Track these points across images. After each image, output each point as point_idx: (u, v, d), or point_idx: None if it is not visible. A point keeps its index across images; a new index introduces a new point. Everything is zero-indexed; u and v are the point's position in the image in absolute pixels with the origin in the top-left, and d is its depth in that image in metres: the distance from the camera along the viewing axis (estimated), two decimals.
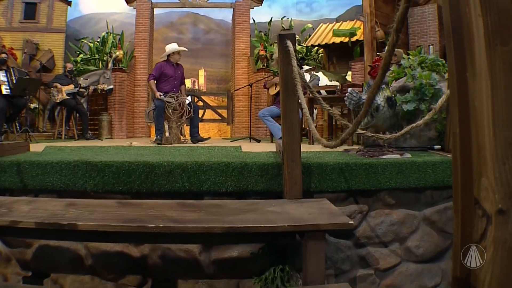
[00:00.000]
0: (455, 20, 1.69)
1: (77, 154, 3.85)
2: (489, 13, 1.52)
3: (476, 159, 1.66)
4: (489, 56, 1.53)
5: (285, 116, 3.26)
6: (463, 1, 1.61)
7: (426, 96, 4.04)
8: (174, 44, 9.76)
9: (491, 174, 1.53)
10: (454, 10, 1.70)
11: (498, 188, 1.50)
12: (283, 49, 3.15)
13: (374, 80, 3.79)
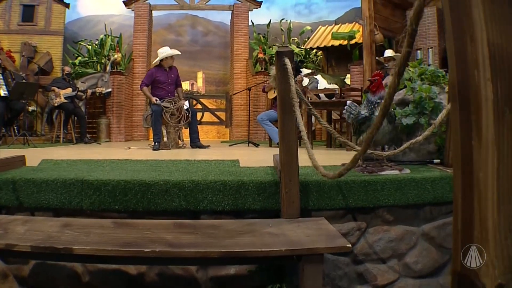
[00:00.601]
0: (462, 82, 1.62)
1: (73, 170, 3.82)
2: (499, 78, 1.47)
3: (478, 233, 1.60)
4: (497, 124, 1.48)
5: (282, 135, 3.24)
6: (472, 62, 1.54)
7: (426, 109, 4.01)
8: (165, 48, 9.66)
9: (492, 249, 1.49)
10: (461, 71, 1.63)
11: (499, 264, 1.47)
12: (281, 67, 3.12)
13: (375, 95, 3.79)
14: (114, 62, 13.34)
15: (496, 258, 1.46)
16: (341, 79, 14.01)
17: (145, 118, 9.90)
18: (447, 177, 3.73)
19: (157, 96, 9.38)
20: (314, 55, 16.27)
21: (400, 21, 13.08)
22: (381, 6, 12.36)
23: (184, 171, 3.74)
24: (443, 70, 4.69)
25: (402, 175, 3.69)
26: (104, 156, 7.41)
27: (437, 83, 4.43)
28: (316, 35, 16.09)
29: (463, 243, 1.74)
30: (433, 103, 4.02)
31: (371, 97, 3.76)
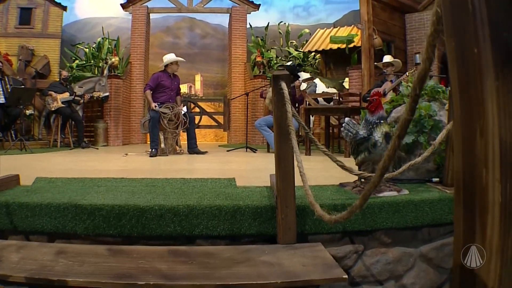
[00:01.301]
0: (469, 180, 1.48)
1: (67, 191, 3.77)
2: (509, 179, 1.34)
3: None
4: (503, 231, 1.38)
5: (278, 161, 3.20)
6: (480, 159, 1.41)
7: (426, 128, 3.98)
8: (172, 55, 9.75)
9: None
10: (468, 167, 1.48)
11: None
12: (277, 91, 3.08)
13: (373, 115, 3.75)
14: (112, 65, 13.30)
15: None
16: (340, 83, 13.97)
17: (143, 124, 9.88)
18: (446, 198, 3.69)
19: (158, 100, 9.40)
20: (313, 58, 16.24)
21: (399, 24, 13.06)
22: (379, 9, 12.34)
23: (179, 193, 3.69)
24: (443, 76, 4.66)
25: (400, 197, 3.65)
26: (101, 164, 7.45)
27: (436, 98, 4.39)
28: (314, 38, 16.05)
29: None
30: (432, 121, 3.98)
31: (369, 117, 3.71)
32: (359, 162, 3.84)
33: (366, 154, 3.70)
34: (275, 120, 3.18)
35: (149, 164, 7.45)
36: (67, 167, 6.88)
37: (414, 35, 12.94)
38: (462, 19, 1.39)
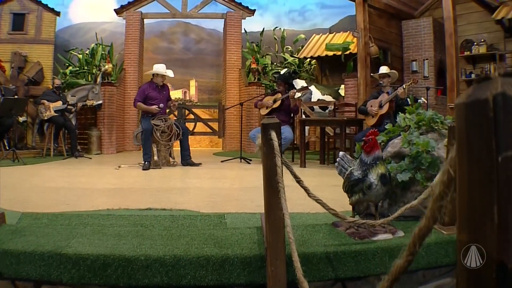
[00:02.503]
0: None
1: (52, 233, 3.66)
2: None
3: None
4: None
5: (268, 214, 3.10)
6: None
7: (423, 165, 3.87)
8: (161, 65, 9.61)
9: None
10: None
11: None
12: (267, 141, 2.96)
13: (369, 155, 3.64)
14: (105, 72, 13.19)
15: None
16: (335, 90, 13.89)
17: (135, 136, 9.80)
18: (442, 241, 3.60)
19: (148, 114, 9.30)
20: (308, 64, 16.15)
21: (395, 31, 12.97)
22: (376, 16, 12.25)
23: (166, 238, 3.58)
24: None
25: (395, 242, 3.56)
26: (93, 180, 7.42)
27: (435, 129, 4.28)
28: (310, 44, 15.95)
29: None
30: (430, 158, 3.87)
31: (365, 157, 3.60)
32: (353, 202, 3.74)
33: (360, 195, 3.60)
34: (264, 173, 3.07)
35: (142, 180, 7.37)
36: (59, 184, 6.81)
37: (411, 42, 12.85)
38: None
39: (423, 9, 13.59)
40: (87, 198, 5.70)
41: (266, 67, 15.67)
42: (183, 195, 5.90)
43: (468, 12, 12.55)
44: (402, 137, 4.06)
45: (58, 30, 15.59)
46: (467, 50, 12.27)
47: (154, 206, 5.05)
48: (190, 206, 5.08)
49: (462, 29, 11.61)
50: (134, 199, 5.63)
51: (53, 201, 5.31)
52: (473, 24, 12.31)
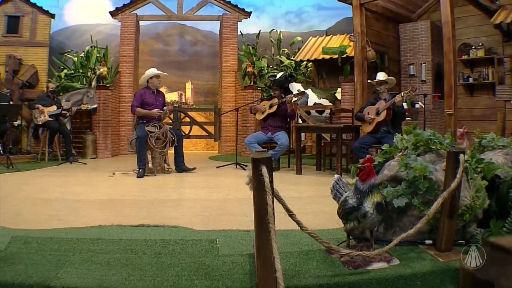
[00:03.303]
0: None
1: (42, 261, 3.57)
2: None
3: None
4: None
5: (258, 250, 2.99)
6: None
7: (420, 190, 3.77)
8: (152, 69, 9.52)
9: None
10: None
11: None
12: (257, 177, 2.84)
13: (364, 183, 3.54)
14: (100, 76, 13.09)
15: None
16: (332, 93, 13.81)
17: (130, 142, 9.70)
18: (438, 269, 3.51)
19: (144, 119, 9.23)
20: (305, 67, 16.05)
21: (392, 34, 12.89)
22: (373, 20, 12.18)
23: (156, 267, 3.46)
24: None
25: (390, 271, 3.46)
26: (87, 189, 7.36)
27: (433, 149, 4.19)
28: (306, 46, 15.85)
29: None
30: (428, 183, 3.77)
31: (360, 185, 3.49)
32: (348, 230, 3.65)
33: (355, 223, 3.51)
34: (255, 209, 2.96)
35: (135, 191, 7.32)
36: (51, 195, 6.71)
37: (408, 45, 12.77)
38: None
39: (420, 12, 13.50)
40: (80, 211, 5.62)
41: (262, 70, 15.57)
42: (176, 209, 5.83)
43: (466, 16, 12.45)
44: (399, 160, 3.96)
45: (53, 32, 15.45)
46: (465, 54, 12.17)
47: (147, 222, 4.97)
48: (183, 221, 5.02)
49: (460, 32, 11.49)
50: (126, 213, 5.55)
51: (44, 216, 5.24)
52: (471, 28, 12.20)
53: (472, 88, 12.27)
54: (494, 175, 3.99)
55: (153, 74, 9.39)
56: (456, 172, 3.37)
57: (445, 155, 4.04)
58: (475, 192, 3.83)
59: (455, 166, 3.40)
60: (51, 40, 14.65)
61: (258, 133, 10.24)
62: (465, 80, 12.18)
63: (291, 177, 9.05)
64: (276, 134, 9.84)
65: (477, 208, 3.74)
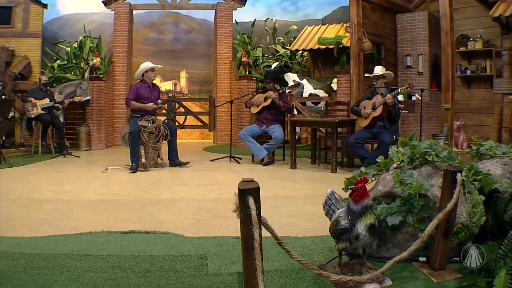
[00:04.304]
0: None
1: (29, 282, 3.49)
2: None
3: None
4: None
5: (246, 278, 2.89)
6: None
7: (415, 208, 3.67)
8: (147, 63, 9.39)
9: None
10: None
11: None
12: (244, 208, 2.69)
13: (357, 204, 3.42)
14: (93, 67, 12.94)
15: None
16: (328, 84, 13.69)
17: (123, 137, 9.61)
18: None
19: (138, 113, 9.13)
20: (300, 56, 15.92)
21: (389, 25, 12.73)
22: (370, 10, 12.02)
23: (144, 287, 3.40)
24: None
25: None
26: (79, 188, 7.34)
27: (429, 161, 4.08)
28: (302, 35, 15.70)
29: None
30: (423, 201, 3.66)
31: (353, 206, 3.37)
32: (340, 250, 3.54)
33: (347, 244, 3.41)
34: (242, 241, 2.82)
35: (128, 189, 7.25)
36: (43, 195, 6.67)
37: (405, 36, 12.61)
38: None
39: (418, 2, 13.35)
40: (71, 214, 5.56)
41: (257, 59, 15.45)
42: (168, 211, 5.78)
43: (464, 7, 12.29)
44: (394, 175, 3.85)
45: (46, 22, 15.27)
46: (462, 46, 12.01)
47: (138, 227, 4.95)
48: (174, 226, 5.00)
49: (458, 23, 11.34)
50: (118, 216, 5.50)
51: (35, 221, 5.21)
52: (469, 19, 12.04)
53: (470, 80, 12.14)
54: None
55: (148, 67, 9.26)
56: (453, 192, 3.27)
57: (442, 167, 3.94)
58: (472, 207, 3.73)
59: (452, 186, 3.29)
60: (44, 30, 14.47)
61: (252, 126, 10.17)
62: (462, 72, 12.04)
63: (286, 172, 9.00)
64: (271, 127, 9.76)
65: (473, 226, 3.64)
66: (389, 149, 4.32)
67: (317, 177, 8.46)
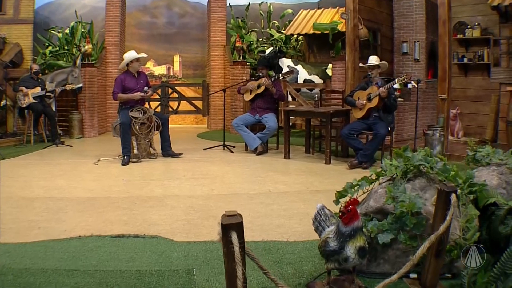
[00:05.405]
0: None
1: None
2: None
3: None
4: None
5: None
6: None
7: (407, 226, 3.57)
8: (131, 52, 9.24)
9: None
10: None
11: None
12: (227, 243, 2.54)
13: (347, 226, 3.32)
14: (85, 53, 12.78)
15: None
16: (323, 70, 13.55)
17: (114, 128, 9.48)
18: None
19: (127, 105, 9.01)
20: (295, 40, 15.75)
21: (386, 11, 12.55)
22: None
23: None
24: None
25: None
26: (70, 182, 7.32)
27: (423, 173, 3.96)
28: (297, 20, 15.52)
29: None
30: (415, 220, 3.56)
31: (342, 228, 3.26)
32: (329, 269, 3.44)
33: (336, 265, 3.31)
34: (226, 276, 2.69)
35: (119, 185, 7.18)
36: (34, 192, 6.64)
37: (402, 22, 12.45)
38: None
39: None
40: (61, 215, 5.52)
41: (251, 44, 15.29)
42: (158, 210, 5.74)
43: None
44: (386, 191, 3.74)
45: (38, 7, 15.06)
46: (460, 33, 11.79)
47: (127, 229, 4.96)
48: (164, 228, 4.99)
49: (455, 10, 11.08)
50: (108, 217, 5.47)
51: (25, 223, 5.18)
52: (467, 6, 11.77)
53: (467, 68, 11.96)
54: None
55: (133, 58, 9.10)
56: (446, 214, 3.16)
57: (436, 179, 3.84)
58: (466, 222, 3.63)
59: (446, 206, 3.18)
60: (36, 16, 14.24)
61: (245, 115, 10.10)
62: (459, 60, 11.85)
63: (279, 163, 8.97)
64: (264, 116, 9.70)
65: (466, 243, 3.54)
66: (383, 141, 4.22)
67: (311, 168, 8.40)
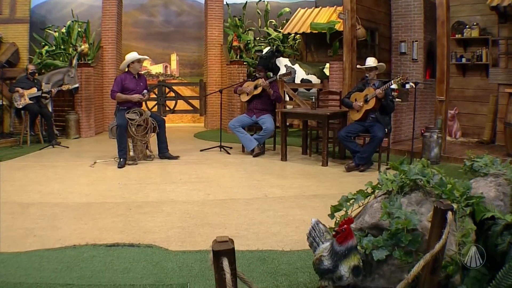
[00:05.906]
0: None
1: None
2: None
3: None
4: None
5: None
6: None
7: (402, 242, 3.52)
8: (133, 54, 9.19)
9: None
10: None
11: None
12: (218, 270, 2.47)
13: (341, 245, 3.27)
14: (81, 53, 12.72)
15: None
16: (320, 69, 13.49)
17: (110, 129, 9.45)
18: None
19: (125, 105, 8.97)
20: (293, 39, 15.68)
21: (384, 10, 12.48)
22: None
23: None
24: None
25: None
26: (65, 186, 7.29)
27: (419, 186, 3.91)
28: (294, 18, 15.41)
29: None
30: (411, 236, 3.51)
31: (337, 246, 3.21)
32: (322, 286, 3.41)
33: (330, 283, 3.27)
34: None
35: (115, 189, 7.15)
36: (29, 197, 6.60)
37: (400, 22, 12.37)
38: None
39: None
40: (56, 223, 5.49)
41: (248, 43, 15.21)
42: (154, 217, 5.71)
43: None
44: (382, 206, 3.69)
45: (34, 6, 14.98)
46: (458, 33, 11.68)
47: (122, 237, 4.95)
48: (159, 237, 4.97)
49: (454, 9, 10.97)
50: (103, 224, 5.44)
51: (20, 231, 5.15)
52: (466, 5, 11.65)
53: (465, 68, 11.87)
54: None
55: (134, 58, 9.08)
56: (442, 232, 3.11)
57: (433, 193, 3.79)
58: (462, 237, 3.58)
59: (442, 225, 3.13)
60: (32, 15, 14.21)
61: (242, 116, 10.09)
62: (457, 60, 11.76)
63: (276, 166, 8.98)
64: (261, 118, 9.69)
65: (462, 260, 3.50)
66: (381, 143, 4.18)
67: (308, 171, 8.40)
